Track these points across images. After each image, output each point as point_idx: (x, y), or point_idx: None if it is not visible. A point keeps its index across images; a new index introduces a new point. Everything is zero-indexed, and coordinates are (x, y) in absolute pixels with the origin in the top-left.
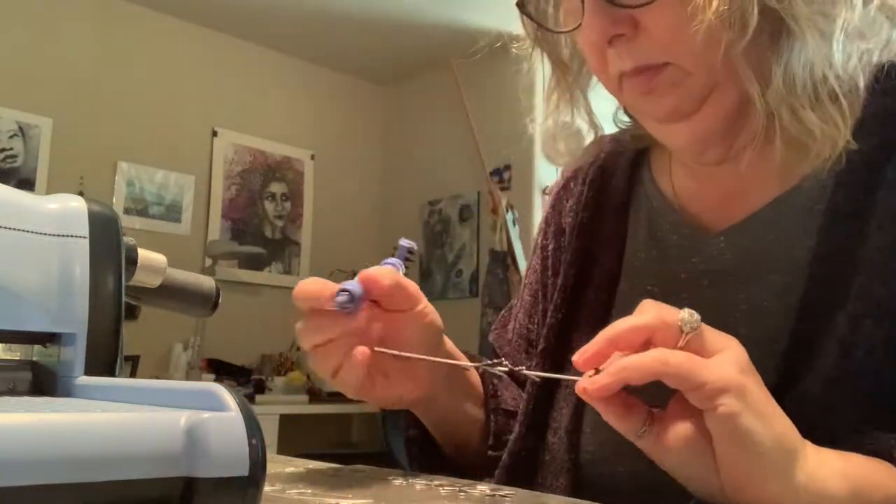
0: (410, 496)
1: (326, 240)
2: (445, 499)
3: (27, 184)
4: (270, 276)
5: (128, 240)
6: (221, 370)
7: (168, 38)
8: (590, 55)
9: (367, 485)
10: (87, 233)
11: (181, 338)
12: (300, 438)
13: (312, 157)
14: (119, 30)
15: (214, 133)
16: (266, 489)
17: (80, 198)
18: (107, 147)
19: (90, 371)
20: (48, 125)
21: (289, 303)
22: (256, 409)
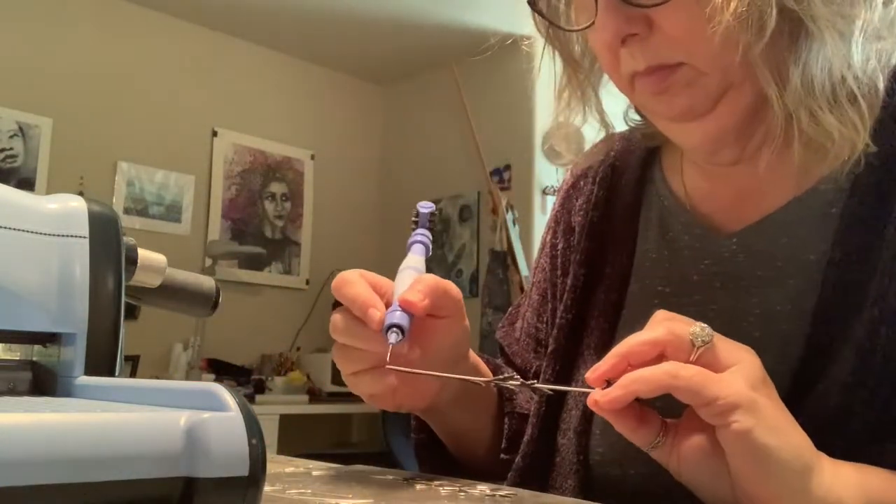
0: (410, 496)
1: (326, 240)
2: (445, 499)
3: (27, 184)
4: (270, 276)
5: (128, 240)
6: (221, 370)
7: (168, 38)
8: (602, 54)
9: (367, 485)
10: (87, 233)
11: (181, 338)
12: (300, 438)
13: (312, 157)
14: (119, 30)
15: (214, 133)
16: (266, 489)
17: (80, 198)
18: (107, 147)
19: (90, 371)
20: (48, 125)
21: (289, 303)
22: (256, 409)
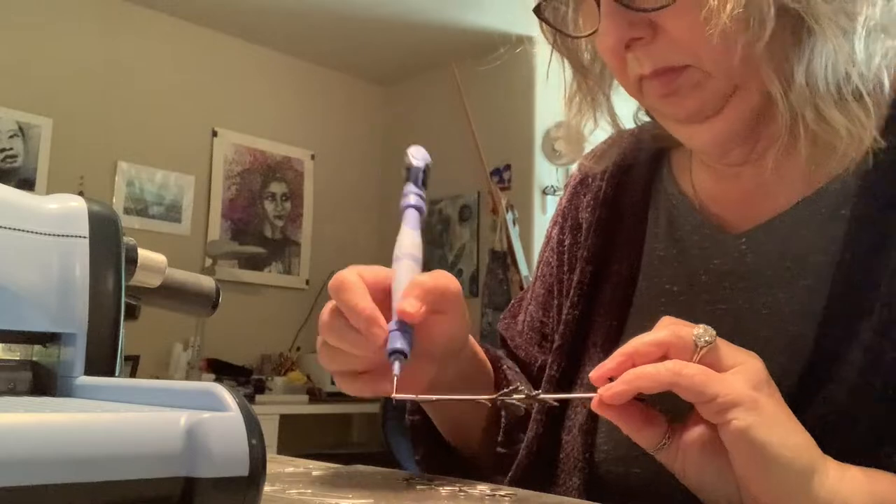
0: (410, 496)
1: (326, 240)
2: (445, 499)
3: (27, 184)
4: (270, 276)
5: (128, 240)
6: (221, 370)
7: (168, 38)
8: (608, 59)
9: (367, 485)
10: (87, 233)
11: (181, 338)
12: (300, 438)
13: (312, 157)
14: (119, 30)
15: (214, 133)
16: (266, 489)
17: (80, 198)
18: (107, 147)
19: (90, 371)
20: (48, 125)
21: (289, 303)
22: (256, 409)
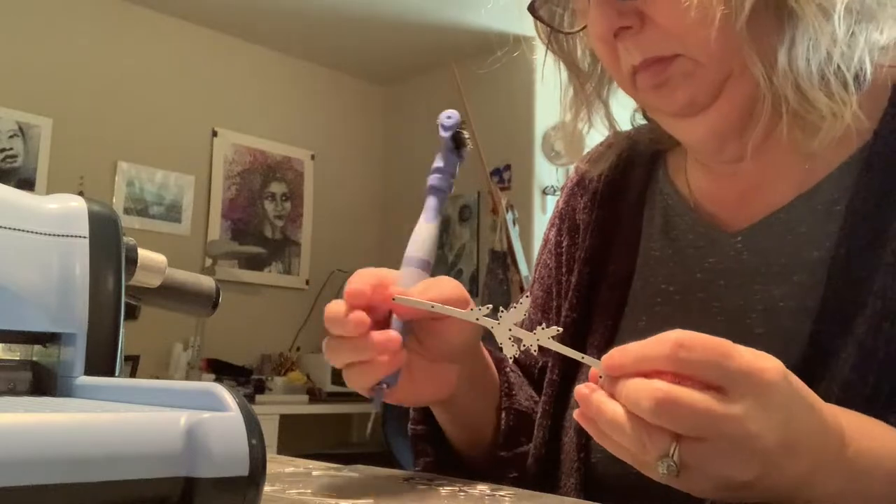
0: (410, 496)
1: (326, 240)
2: (445, 499)
3: (27, 184)
4: (270, 276)
5: (128, 240)
6: (221, 370)
7: (168, 38)
8: (600, 51)
9: (367, 485)
10: (87, 233)
11: (181, 338)
12: (300, 438)
13: (312, 157)
14: (119, 30)
15: (214, 133)
16: (266, 489)
17: (80, 198)
18: (107, 147)
19: (90, 371)
20: (48, 125)
21: (289, 303)
22: (256, 409)
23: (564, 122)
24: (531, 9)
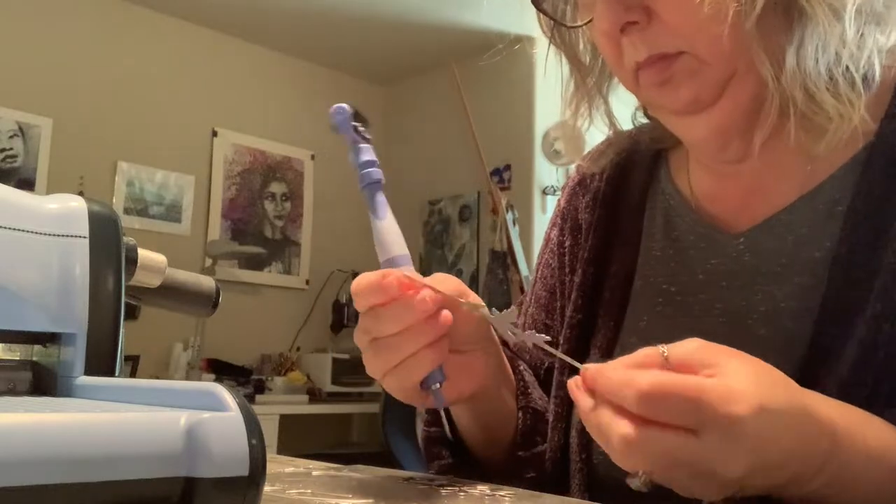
0: (410, 496)
1: (326, 240)
2: (445, 499)
3: (27, 184)
4: (270, 276)
5: (128, 240)
6: (221, 370)
7: (168, 38)
8: (604, 46)
9: (367, 485)
10: (87, 233)
11: (181, 338)
12: (300, 438)
13: (312, 158)
14: (119, 30)
15: (214, 133)
16: (266, 489)
17: (80, 198)
18: (107, 147)
19: (90, 371)
20: (48, 125)
21: (289, 303)
22: (256, 409)
23: (565, 118)
24: (535, 1)
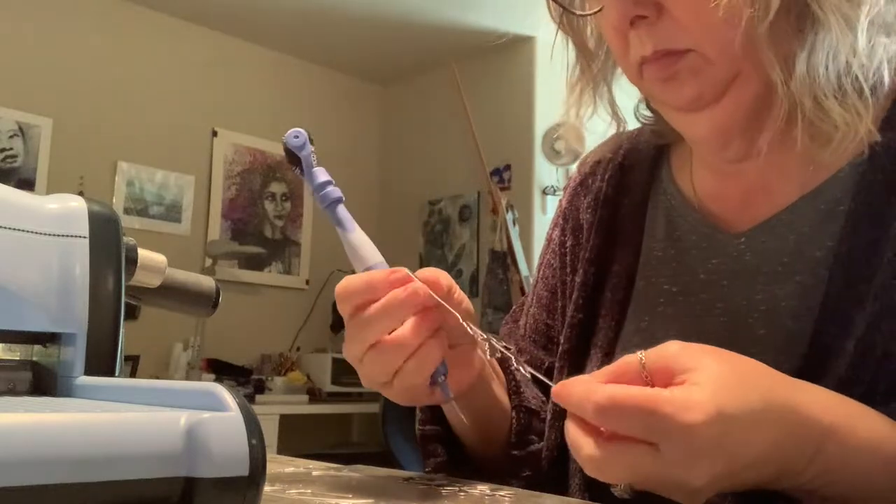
0: (410, 496)
1: (326, 240)
2: (445, 499)
3: (27, 184)
4: (270, 276)
5: (128, 240)
6: (221, 370)
7: (168, 38)
8: (611, 38)
9: (367, 485)
10: (87, 233)
11: (181, 338)
12: (300, 438)
13: None
14: (119, 30)
15: (214, 133)
16: (266, 489)
17: (80, 198)
18: (107, 147)
19: (90, 371)
20: (48, 125)
21: (289, 303)
22: (256, 409)
23: (568, 106)
24: None
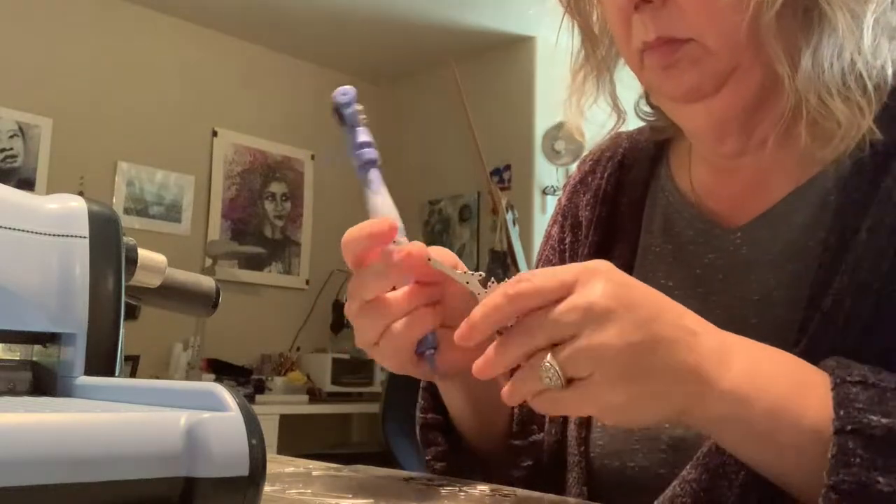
0: (410, 496)
1: (326, 240)
2: (445, 499)
3: (27, 184)
4: (270, 276)
5: (128, 240)
6: (221, 370)
7: (168, 38)
8: (615, 21)
9: (367, 485)
10: (87, 233)
11: (181, 338)
12: (300, 438)
13: (312, 158)
14: (119, 30)
15: (214, 133)
16: (266, 489)
17: (80, 198)
18: (107, 147)
19: (90, 371)
20: (48, 125)
21: (289, 303)
22: (256, 409)
23: (570, 93)
24: None
